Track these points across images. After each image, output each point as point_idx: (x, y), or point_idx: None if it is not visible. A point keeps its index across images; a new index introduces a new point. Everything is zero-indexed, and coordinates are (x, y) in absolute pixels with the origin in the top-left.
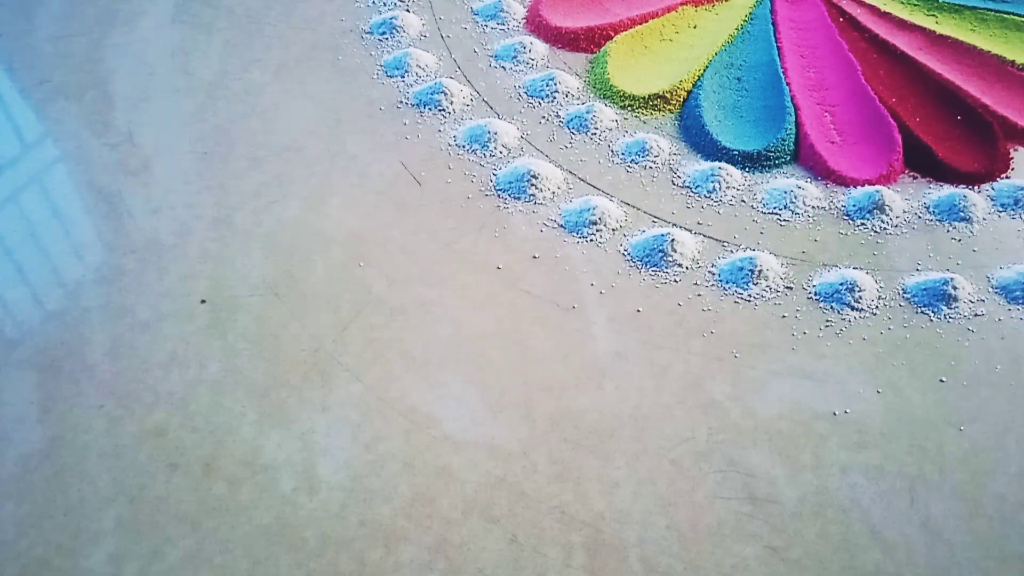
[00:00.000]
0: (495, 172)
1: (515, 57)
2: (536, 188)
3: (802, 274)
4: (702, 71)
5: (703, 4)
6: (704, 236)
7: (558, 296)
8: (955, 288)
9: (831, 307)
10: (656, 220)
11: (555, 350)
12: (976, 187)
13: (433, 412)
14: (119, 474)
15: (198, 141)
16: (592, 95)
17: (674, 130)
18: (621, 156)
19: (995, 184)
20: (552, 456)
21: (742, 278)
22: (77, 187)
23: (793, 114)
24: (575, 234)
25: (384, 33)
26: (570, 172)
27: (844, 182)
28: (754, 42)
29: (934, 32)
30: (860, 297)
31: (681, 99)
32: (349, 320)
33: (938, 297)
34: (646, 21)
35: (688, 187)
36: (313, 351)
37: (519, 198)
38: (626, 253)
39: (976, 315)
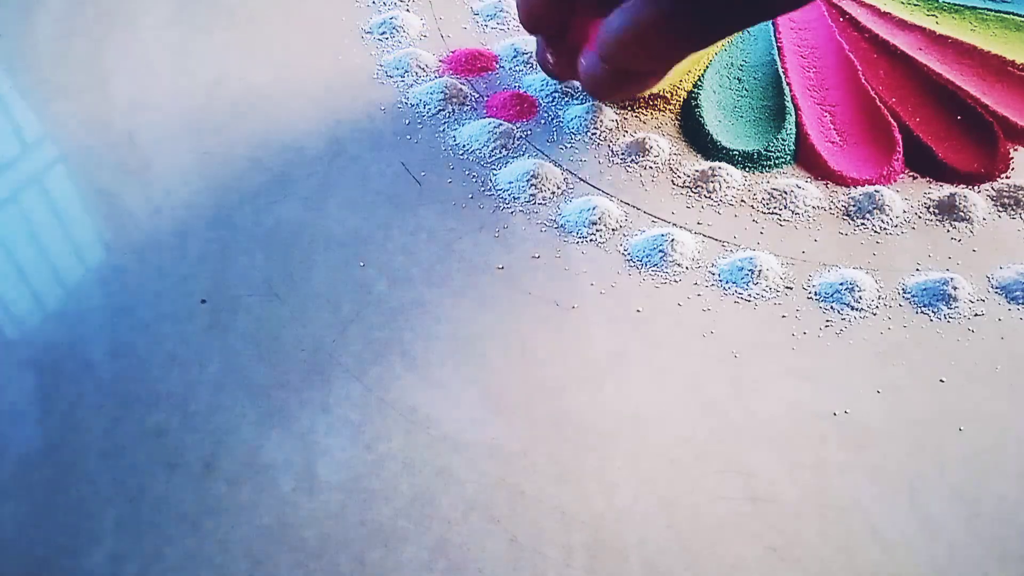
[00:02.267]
0: (495, 172)
1: (515, 57)
2: (536, 188)
3: (802, 274)
4: (702, 71)
5: None
6: (704, 236)
7: (558, 296)
8: (955, 288)
9: (831, 307)
10: (656, 220)
11: (555, 350)
12: (976, 187)
13: (433, 412)
14: (119, 474)
15: (198, 141)
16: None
17: (674, 130)
18: (621, 156)
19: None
20: (552, 456)
21: (742, 278)
22: (77, 187)
23: (793, 114)
24: (575, 234)
25: (384, 33)
26: (570, 172)
27: (844, 182)
28: (754, 42)
29: (934, 32)
30: (860, 297)
31: (681, 99)
32: (349, 320)
33: (938, 297)
34: None
35: (688, 187)
36: (313, 351)
37: (519, 198)
38: (626, 253)
39: (976, 315)
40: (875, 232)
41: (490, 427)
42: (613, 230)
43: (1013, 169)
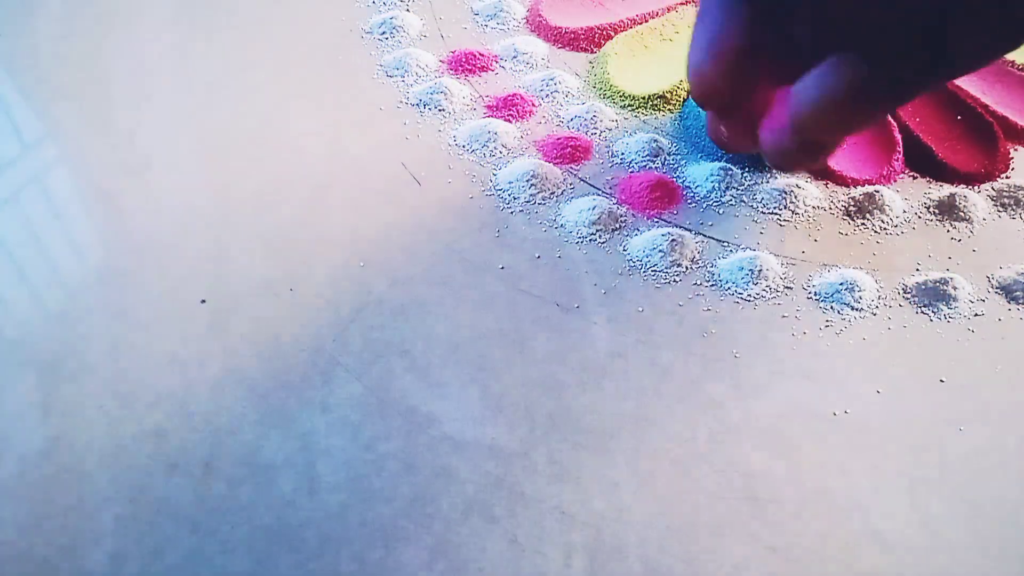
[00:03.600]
0: (495, 172)
1: (515, 57)
2: (536, 188)
3: (802, 274)
4: None
5: None
6: (704, 236)
7: (559, 296)
8: (955, 288)
9: (831, 307)
10: (656, 220)
11: (555, 350)
12: (976, 187)
13: (433, 412)
14: (119, 474)
15: (198, 141)
16: (592, 95)
17: (674, 130)
18: (621, 156)
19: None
20: (552, 456)
21: (742, 278)
22: (77, 187)
23: None
24: (575, 234)
25: (384, 33)
26: (570, 172)
27: (844, 182)
28: None
29: None
30: (860, 297)
31: (681, 99)
32: (349, 320)
33: (938, 297)
34: (646, 21)
35: (688, 187)
36: (313, 351)
37: (519, 198)
38: (626, 253)
39: (976, 315)
40: (875, 232)
41: (490, 427)
42: (613, 230)
43: (1013, 169)
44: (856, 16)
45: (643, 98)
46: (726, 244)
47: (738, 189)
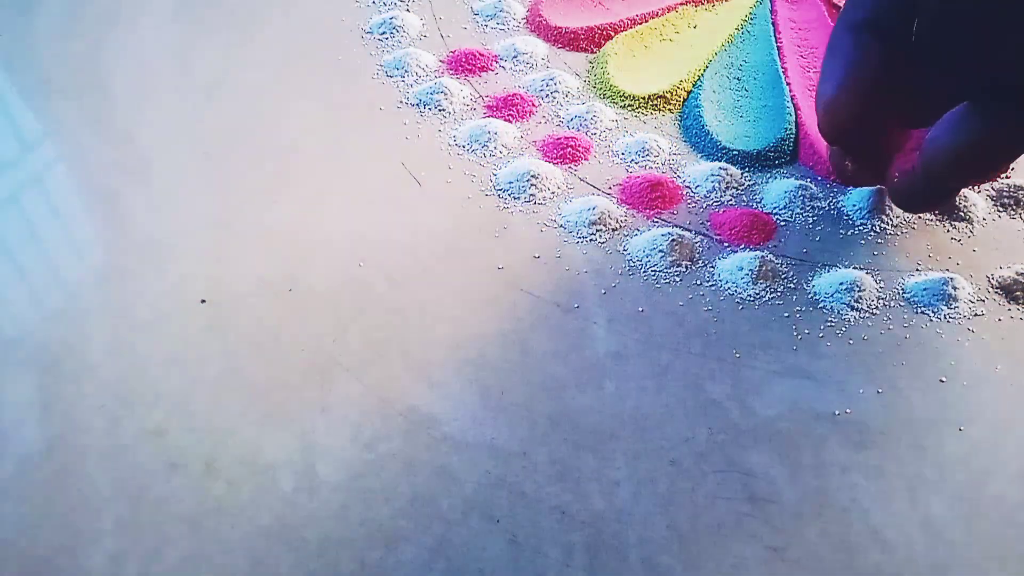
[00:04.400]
0: (495, 172)
1: (515, 57)
2: (536, 188)
3: (802, 274)
4: (702, 71)
5: (703, 4)
6: (704, 236)
7: (559, 296)
8: (955, 288)
9: (831, 307)
10: (656, 220)
11: (555, 350)
12: (976, 187)
13: (433, 412)
14: (119, 474)
15: (198, 141)
16: (592, 95)
17: (674, 130)
18: (621, 156)
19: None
20: (552, 456)
21: (742, 278)
22: (77, 187)
23: (793, 114)
24: (575, 234)
25: (384, 33)
26: (570, 172)
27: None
28: (754, 42)
29: None
30: (860, 297)
31: (681, 99)
32: (349, 320)
33: (938, 297)
34: (646, 21)
35: (688, 187)
36: (313, 351)
37: (519, 198)
38: (626, 253)
39: (976, 315)
40: (875, 232)
41: (490, 427)
42: (613, 230)
43: (1013, 169)
44: (990, 57)
45: (643, 98)
46: (726, 244)
47: (738, 189)
